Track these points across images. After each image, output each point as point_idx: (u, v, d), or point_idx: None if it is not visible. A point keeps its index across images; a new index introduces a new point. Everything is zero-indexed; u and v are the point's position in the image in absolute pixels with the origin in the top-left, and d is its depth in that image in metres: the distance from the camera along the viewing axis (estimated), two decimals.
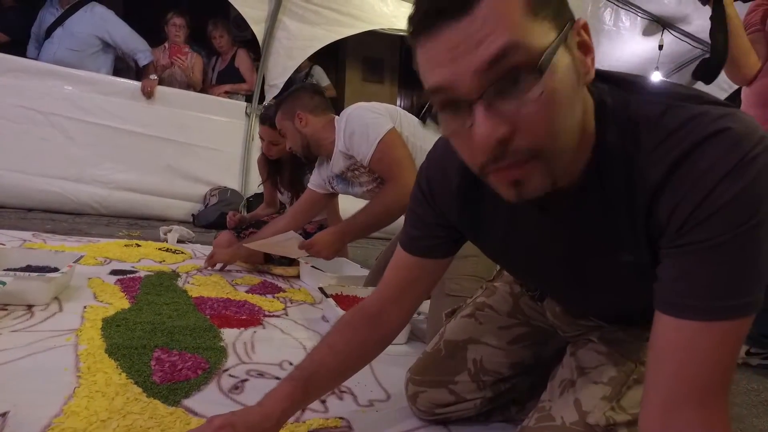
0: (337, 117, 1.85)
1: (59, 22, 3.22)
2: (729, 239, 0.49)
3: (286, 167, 2.37)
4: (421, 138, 1.75)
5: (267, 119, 2.21)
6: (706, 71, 1.57)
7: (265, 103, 3.71)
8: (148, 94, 3.31)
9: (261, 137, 2.33)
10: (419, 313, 1.49)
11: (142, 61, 3.42)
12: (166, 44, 3.71)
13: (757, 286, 0.51)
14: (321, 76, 4.20)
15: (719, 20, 1.49)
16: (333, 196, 2.08)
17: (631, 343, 0.77)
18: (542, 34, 0.47)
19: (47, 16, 3.27)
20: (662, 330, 0.54)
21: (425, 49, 0.49)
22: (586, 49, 0.52)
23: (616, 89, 0.57)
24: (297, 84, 3.14)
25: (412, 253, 0.80)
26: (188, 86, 3.71)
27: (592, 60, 0.52)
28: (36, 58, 3.25)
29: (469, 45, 0.46)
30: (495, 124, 0.48)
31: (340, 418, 0.93)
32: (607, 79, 0.58)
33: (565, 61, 0.49)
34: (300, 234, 1.92)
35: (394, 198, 1.66)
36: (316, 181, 2.01)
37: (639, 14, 3.94)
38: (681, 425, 0.51)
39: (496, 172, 0.52)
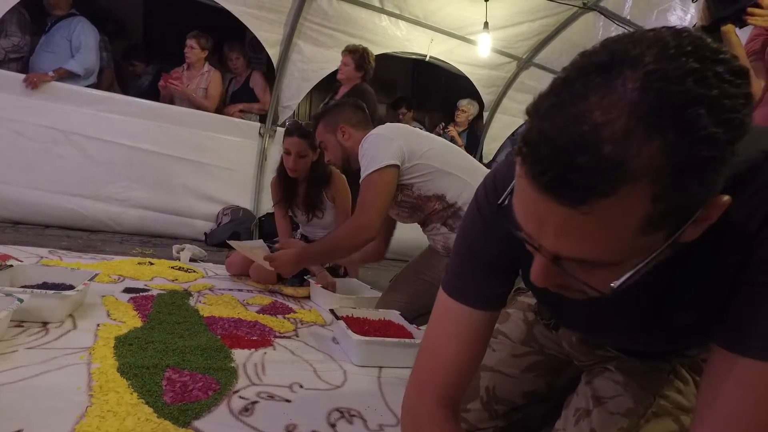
0: None
1: (47, 31, 3.34)
2: None
3: (301, 187, 2.33)
4: (443, 162, 1.73)
5: (296, 130, 2.19)
6: None
7: (285, 119, 3.76)
8: (32, 84, 3.06)
9: (288, 151, 2.21)
10: None
11: (69, 66, 3.27)
12: (186, 65, 3.79)
13: None
14: None
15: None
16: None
17: (649, 374, 0.76)
18: (641, 248, 0.44)
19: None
20: (722, 366, 0.51)
21: (528, 191, 0.45)
22: (705, 220, 0.46)
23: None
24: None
25: (477, 305, 0.70)
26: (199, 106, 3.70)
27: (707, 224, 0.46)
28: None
29: (563, 230, 0.44)
30: (548, 278, 0.50)
31: None
32: None
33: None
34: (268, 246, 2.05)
35: (346, 235, 1.70)
36: None
37: None
38: None
39: None
